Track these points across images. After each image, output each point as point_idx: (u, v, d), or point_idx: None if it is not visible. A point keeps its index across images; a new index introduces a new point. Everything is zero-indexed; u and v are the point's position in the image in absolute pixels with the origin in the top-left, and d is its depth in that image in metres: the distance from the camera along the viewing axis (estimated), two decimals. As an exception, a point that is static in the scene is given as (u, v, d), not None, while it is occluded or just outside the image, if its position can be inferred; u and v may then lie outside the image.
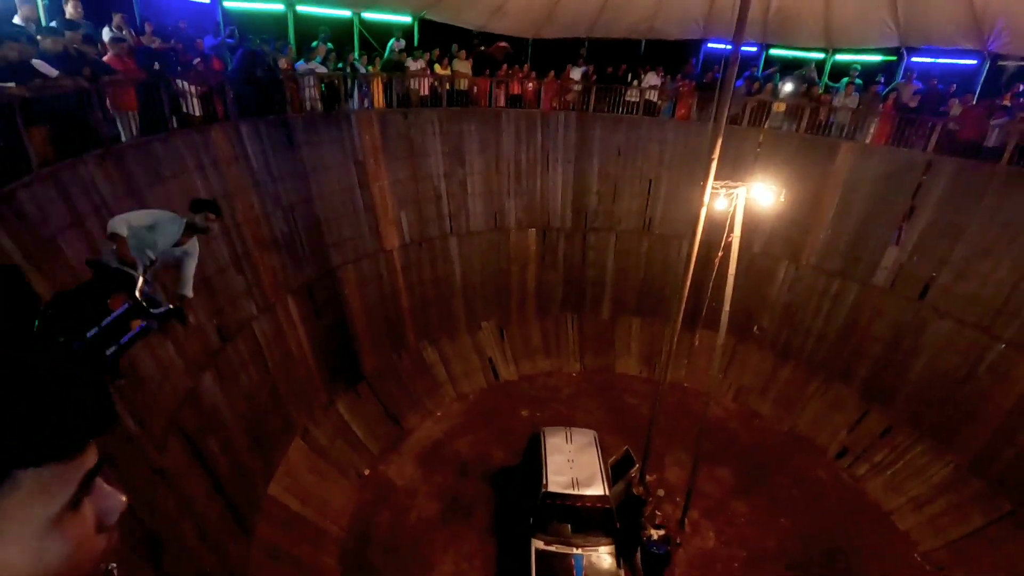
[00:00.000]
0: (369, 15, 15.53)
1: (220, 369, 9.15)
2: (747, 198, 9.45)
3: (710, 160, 8.54)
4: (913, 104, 14.04)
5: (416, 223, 14.46)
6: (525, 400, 14.90)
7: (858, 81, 15.02)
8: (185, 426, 7.91)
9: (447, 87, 14.68)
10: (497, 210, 15.87)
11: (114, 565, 0.79)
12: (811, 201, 14.22)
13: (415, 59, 14.53)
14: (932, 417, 12.33)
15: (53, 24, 8.38)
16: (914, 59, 15.92)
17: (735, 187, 9.36)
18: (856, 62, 16.36)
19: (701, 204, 8.98)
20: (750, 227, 11.34)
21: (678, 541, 10.88)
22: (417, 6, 15.95)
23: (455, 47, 15.47)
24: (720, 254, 9.59)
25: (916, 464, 12.24)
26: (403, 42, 15.14)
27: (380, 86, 13.64)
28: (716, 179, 8.91)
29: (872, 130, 14.25)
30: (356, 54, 14.14)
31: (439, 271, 15.07)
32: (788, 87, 15.27)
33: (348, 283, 12.92)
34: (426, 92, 14.55)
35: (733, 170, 10.50)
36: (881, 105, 14.41)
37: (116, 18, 9.69)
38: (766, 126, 15.10)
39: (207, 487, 8.13)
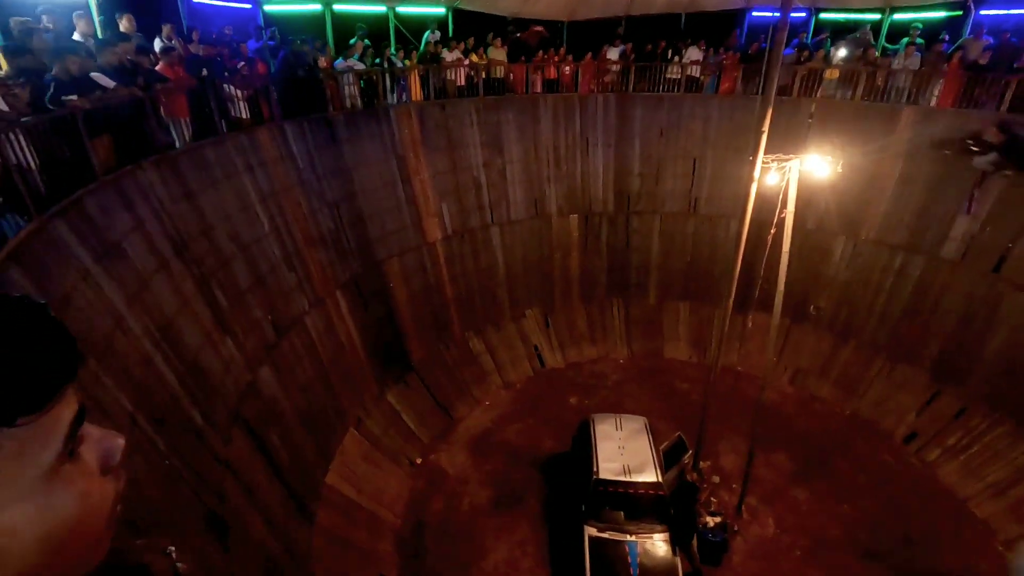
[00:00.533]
0: (403, 9, 15.60)
1: (276, 363, 9.48)
2: (800, 171, 8.99)
3: (759, 133, 8.16)
4: (983, 61, 12.98)
5: (457, 214, 14.52)
6: (572, 387, 14.81)
7: (919, 40, 14.01)
8: (247, 418, 8.25)
9: (483, 76, 14.61)
10: (538, 197, 15.74)
11: (172, 548, 0.78)
12: (870, 171, 13.42)
13: (450, 50, 14.52)
14: (1012, 397, 11.49)
15: (110, 37, 8.78)
16: (983, 12, 14.73)
17: (787, 160, 8.91)
18: (916, 20, 15.28)
19: (751, 180, 8.60)
20: (804, 202, 10.80)
21: (735, 528, 10.61)
22: (450, -4, 15.91)
23: (490, 35, 15.36)
24: (772, 232, 9.18)
25: (995, 447, 11.46)
26: (438, 33, 15.15)
27: (417, 79, 13.70)
28: (766, 153, 8.51)
29: (937, 92, 13.29)
30: (392, 48, 14.24)
31: (482, 261, 15.11)
32: (842, 52, 14.43)
33: (393, 276, 13.13)
34: (462, 82, 14.52)
35: (783, 143, 9.99)
36: (946, 65, 13.41)
37: (166, 29, 10.08)
38: (818, 95, 14.33)
39: (269, 476, 8.46)
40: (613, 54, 16.13)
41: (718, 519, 10.14)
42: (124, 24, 9.05)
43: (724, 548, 10.01)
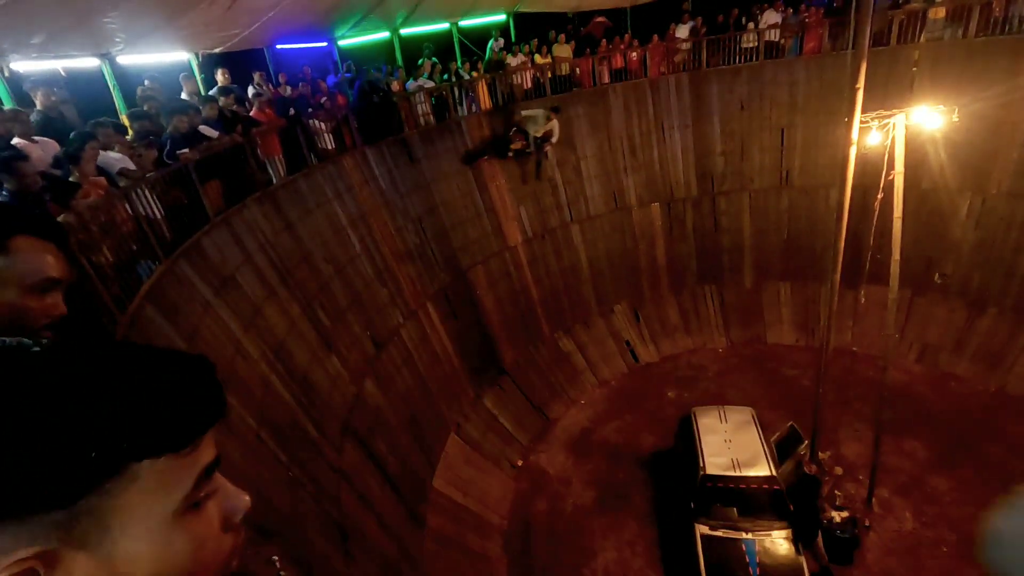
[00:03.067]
0: (465, 22, 15.96)
1: (378, 374, 10.01)
2: (907, 126, 8.10)
3: (854, 92, 7.46)
4: None
5: (536, 216, 14.58)
6: (669, 381, 14.32)
7: (1045, -42, 12.15)
8: (356, 429, 8.78)
9: (548, 75, 14.58)
10: (615, 190, 15.43)
11: (276, 557, 0.84)
12: (994, 117, 11.82)
13: (514, 55, 14.63)
14: None
15: (211, 93, 9.76)
16: None
17: (889, 116, 8.07)
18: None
19: (848, 144, 7.88)
20: (915, 160, 9.73)
21: (867, 523, 9.72)
22: (510, 2, 16.04)
23: (552, 33, 15.31)
24: (880, 196, 8.35)
25: None
26: (501, 40, 15.32)
27: (484, 88, 13.95)
28: (864, 111, 7.76)
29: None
30: (459, 62, 14.61)
31: (564, 260, 15.04)
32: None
33: (479, 283, 13.42)
34: (529, 85, 14.58)
35: (885, 98, 9.08)
36: (1083, -20, 11.52)
37: (256, 76, 11.03)
38: (922, 39, 12.85)
39: (380, 483, 8.94)
40: (682, 31, 15.47)
41: (845, 514, 9.33)
42: (220, 78, 10.00)
43: (855, 544, 9.20)
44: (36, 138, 5.95)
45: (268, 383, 7.10)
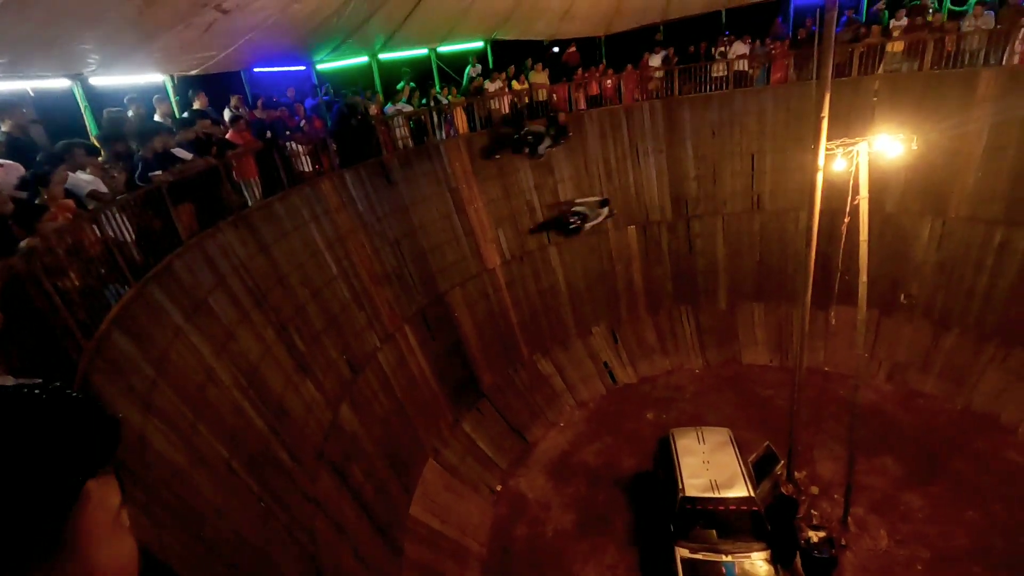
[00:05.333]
0: (444, 48, 16.18)
1: (354, 399, 9.83)
2: (869, 153, 8.44)
3: (819, 120, 7.76)
4: (1069, 8, 11.80)
5: (514, 238, 14.67)
6: (648, 402, 14.38)
7: (990, -2, 12.95)
8: (331, 456, 8.57)
9: (526, 101, 14.83)
10: (592, 213, 15.63)
11: None
12: (951, 146, 12.41)
13: (492, 80, 14.87)
14: None
15: (186, 115, 9.66)
16: (1062, -44, 13.40)
17: (853, 144, 8.40)
18: (985, -23, 14.10)
19: (815, 169, 8.16)
20: (879, 185, 10.09)
21: (843, 543, 9.79)
22: (488, 29, 16.34)
23: (529, 61, 15.63)
24: (847, 219, 8.63)
25: None
26: (479, 66, 15.58)
27: (462, 113, 14.11)
28: (829, 139, 8.07)
29: (1018, 48, 12.16)
30: (437, 87, 14.77)
31: (543, 282, 15.12)
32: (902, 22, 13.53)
33: (457, 306, 13.38)
34: (507, 110, 14.80)
35: (848, 126, 9.45)
36: (1026, 18, 12.28)
37: (233, 99, 10.97)
38: (880, 71, 13.48)
39: (356, 511, 8.71)
40: (655, 61, 15.95)
41: (822, 533, 9.40)
42: (197, 102, 9.92)
43: (832, 564, 9.25)
44: (1, 161, 5.80)
45: (240, 410, 6.91)
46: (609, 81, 15.67)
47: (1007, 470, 10.85)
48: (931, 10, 13.85)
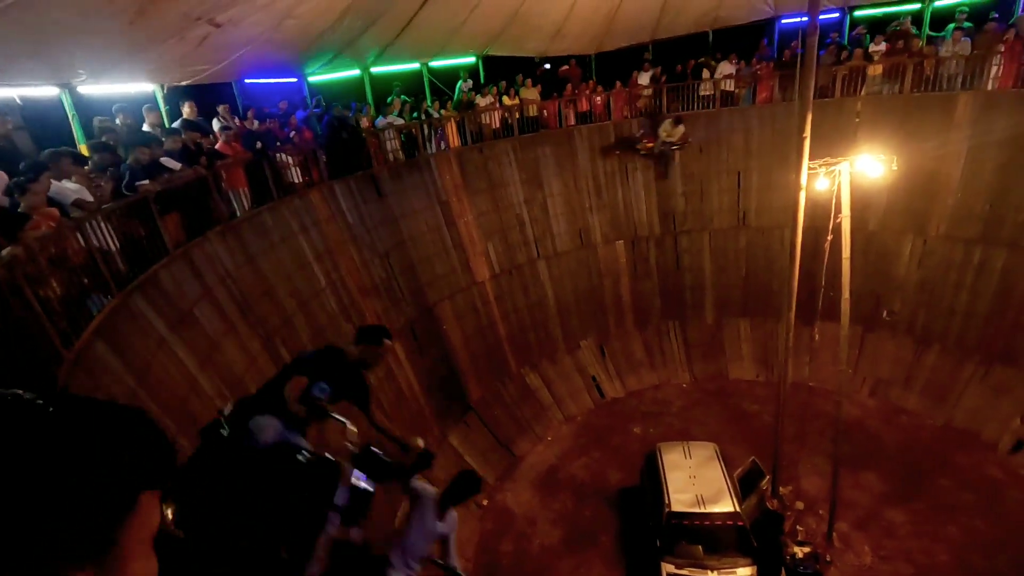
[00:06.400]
0: (436, 63, 16.35)
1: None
2: (852, 173, 8.62)
3: (801, 139, 7.93)
4: (1042, 36, 12.20)
5: (504, 252, 14.72)
6: (635, 417, 14.39)
7: (967, 24, 13.36)
8: (315, 469, 8.45)
9: (517, 116, 15.00)
10: (581, 228, 15.76)
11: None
12: (931, 165, 12.70)
13: (483, 95, 15.03)
14: None
15: (175, 125, 9.65)
16: (1035, -14, 13.92)
17: (835, 163, 8.58)
18: (962, 3, 14.58)
19: (798, 188, 8.31)
20: (861, 204, 10.30)
21: (828, 559, 9.82)
22: (480, 45, 16.55)
23: (520, 76, 15.83)
24: (830, 237, 8.78)
25: (1122, 452, 10.21)
26: (470, 81, 15.74)
27: (454, 127, 14.22)
28: (812, 158, 8.24)
29: (995, 73, 12.53)
30: (428, 101, 14.89)
31: (532, 296, 15.16)
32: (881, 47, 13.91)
33: (446, 319, 13.36)
34: (497, 125, 14.95)
35: (831, 146, 9.65)
36: (1001, 45, 12.67)
37: (222, 109, 10.97)
38: (862, 93, 13.82)
39: (340, 525, 8.58)
40: (644, 79, 16.22)
41: (807, 549, 9.42)
42: (187, 111, 9.92)
43: (818, 581, 9.27)
44: (-16, 168, 5.75)
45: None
46: (599, 98, 15.89)
47: (988, 486, 10.98)
48: (911, 35, 14.25)
